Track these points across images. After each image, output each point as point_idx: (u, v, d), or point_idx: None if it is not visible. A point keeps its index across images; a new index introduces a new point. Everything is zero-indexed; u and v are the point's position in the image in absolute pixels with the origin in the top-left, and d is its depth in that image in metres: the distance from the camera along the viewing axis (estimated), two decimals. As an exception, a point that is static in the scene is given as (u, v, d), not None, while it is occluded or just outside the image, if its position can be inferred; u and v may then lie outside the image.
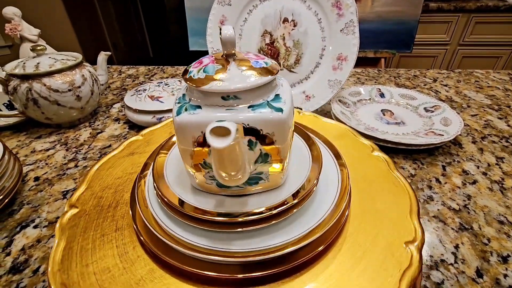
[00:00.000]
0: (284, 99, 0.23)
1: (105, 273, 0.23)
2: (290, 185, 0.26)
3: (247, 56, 0.25)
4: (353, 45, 0.50)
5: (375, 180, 0.31)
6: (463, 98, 0.63)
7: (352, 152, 0.35)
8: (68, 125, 0.55)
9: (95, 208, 0.29)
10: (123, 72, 0.83)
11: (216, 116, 0.21)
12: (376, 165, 0.33)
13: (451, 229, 0.33)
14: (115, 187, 0.32)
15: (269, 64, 0.24)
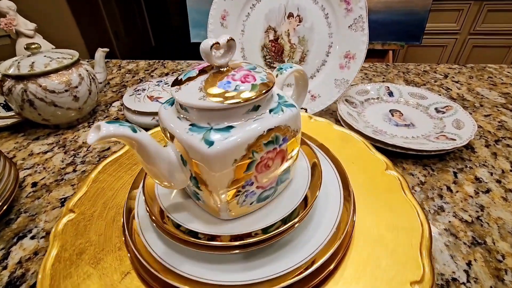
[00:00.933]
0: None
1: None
2: (294, 191, 0.26)
3: (240, 70, 0.23)
4: (362, 43, 0.47)
5: (386, 203, 0.29)
6: (476, 96, 0.60)
7: (365, 167, 0.33)
8: (66, 125, 0.54)
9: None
10: (122, 67, 0.81)
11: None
12: (388, 186, 0.31)
13: (463, 244, 0.32)
14: (110, 201, 0.31)
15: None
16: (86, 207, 0.31)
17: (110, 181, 0.35)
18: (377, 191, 0.31)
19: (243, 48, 0.54)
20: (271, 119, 0.22)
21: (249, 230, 0.23)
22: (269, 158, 0.23)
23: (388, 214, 0.28)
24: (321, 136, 0.36)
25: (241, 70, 0.23)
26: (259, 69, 0.24)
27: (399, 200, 0.29)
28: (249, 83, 0.22)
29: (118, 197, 0.32)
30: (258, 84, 0.21)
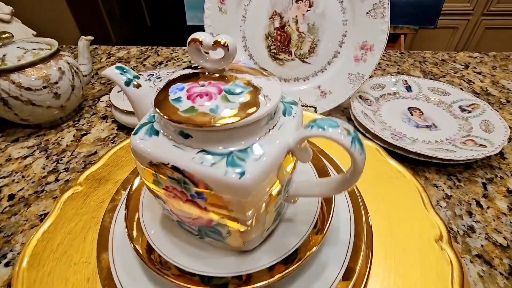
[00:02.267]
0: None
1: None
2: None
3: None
4: (382, 32, 0.41)
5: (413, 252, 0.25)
6: (501, 91, 0.55)
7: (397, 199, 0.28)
8: (49, 125, 0.48)
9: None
10: (112, 54, 0.74)
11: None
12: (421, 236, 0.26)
13: (499, 274, 0.28)
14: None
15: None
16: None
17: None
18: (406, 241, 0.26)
19: (244, 37, 0.48)
20: (188, 159, 0.16)
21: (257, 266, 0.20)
22: (175, 194, 0.18)
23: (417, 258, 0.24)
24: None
25: (216, 85, 0.17)
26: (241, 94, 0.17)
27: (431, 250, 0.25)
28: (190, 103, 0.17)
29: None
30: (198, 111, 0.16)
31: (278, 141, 0.17)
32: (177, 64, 0.68)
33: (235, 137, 0.16)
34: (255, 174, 0.15)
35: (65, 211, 0.30)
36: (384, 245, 0.26)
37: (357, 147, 0.15)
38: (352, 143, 0.15)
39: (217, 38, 0.17)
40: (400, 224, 0.28)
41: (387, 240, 0.26)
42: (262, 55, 0.48)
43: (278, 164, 0.17)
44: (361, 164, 0.15)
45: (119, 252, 0.23)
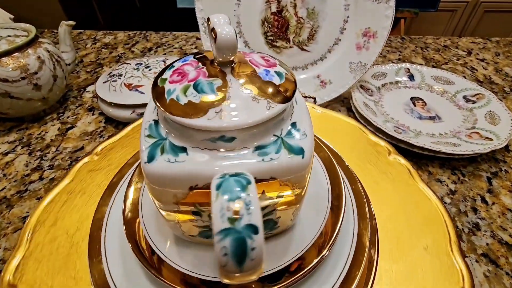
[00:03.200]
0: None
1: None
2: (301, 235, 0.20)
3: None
4: (386, 18, 0.38)
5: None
6: (505, 79, 0.53)
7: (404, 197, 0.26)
8: (32, 118, 0.45)
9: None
10: (98, 39, 0.70)
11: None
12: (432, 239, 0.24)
13: (505, 274, 0.27)
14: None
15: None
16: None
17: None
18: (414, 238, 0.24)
19: (239, 23, 0.44)
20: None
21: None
22: None
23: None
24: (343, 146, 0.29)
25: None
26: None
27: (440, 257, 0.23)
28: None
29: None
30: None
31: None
32: (168, 50, 0.65)
33: (278, 124, 0.16)
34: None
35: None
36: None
37: (226, 245, 0.11)
38: (223, 236, 0.11)
39: (218, 22, 0.15)
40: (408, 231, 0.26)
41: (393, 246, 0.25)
42: (258, 42, 0.45)
43: (189, 186, 0.15)
44: (222, 268, 0.12)
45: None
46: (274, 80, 0.15)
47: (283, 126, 0.16)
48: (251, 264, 0.11)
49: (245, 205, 0.11)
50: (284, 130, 0.16)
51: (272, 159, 0.14)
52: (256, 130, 0.15)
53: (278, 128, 0.16)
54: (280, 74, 0.16)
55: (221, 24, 0.14)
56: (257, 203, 0.12)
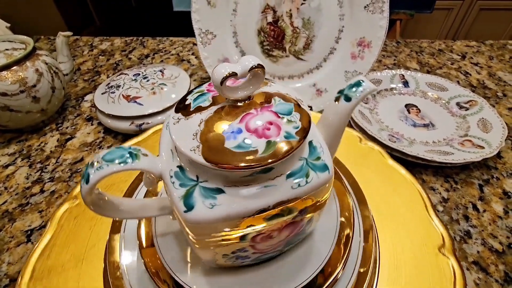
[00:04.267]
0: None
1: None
2: (311, 249, 0.22)
3: (264, 109, 0.16)
4: (380, 28, 0.39)
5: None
6: (498, 84, 0.54)
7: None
8: (30, 129, 0.46)
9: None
10: (95, 46, 0.70)
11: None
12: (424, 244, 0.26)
13: (495, 282, 0.28)
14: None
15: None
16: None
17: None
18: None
19: (235, 32, 0.45)
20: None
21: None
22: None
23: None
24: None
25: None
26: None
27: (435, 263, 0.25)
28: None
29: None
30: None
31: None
32: (165, 57, 0.65)
33: (301, 148, 0.17)
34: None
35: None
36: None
37: None
38: None
39: (245, 61, 0.15)
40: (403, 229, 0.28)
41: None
42: (255, 52, 0.45)
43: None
44: None
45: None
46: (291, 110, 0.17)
47: (303, 148, 0.17)
48: None
49: None
50: (305, 151, 0.17)
51: (307, 183, 0.16)
52: (287, 160, 0.15)
53: (301, 152, 0.17)
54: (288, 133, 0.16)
55: (220, 67, 0.15)
56: None
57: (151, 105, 0.41)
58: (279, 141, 0.15)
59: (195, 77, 0.58)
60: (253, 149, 0.14)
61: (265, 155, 0.14)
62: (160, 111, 0.41)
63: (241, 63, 0.15)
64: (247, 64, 0.15)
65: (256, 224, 0.16)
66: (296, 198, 0.16)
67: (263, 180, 0.16)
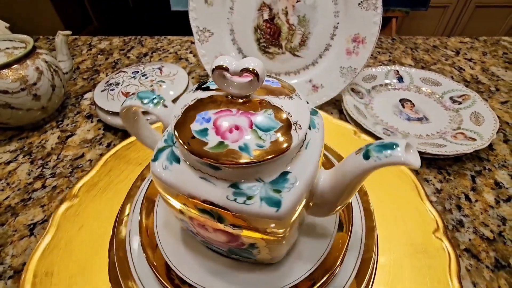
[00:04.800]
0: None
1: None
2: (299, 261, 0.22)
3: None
4: (374, 24, 0.40)
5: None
6: (491, 78, 0.55)
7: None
8: (31, 126, 0.46)
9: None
10: (93, 45, 0.71)
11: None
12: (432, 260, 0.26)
13: (485, 268, 0.29)
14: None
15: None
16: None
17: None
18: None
19: (232, 30, 0.46)
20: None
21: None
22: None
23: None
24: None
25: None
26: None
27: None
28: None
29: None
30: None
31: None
32: (163, 55, 0.66)
33: (266, 170, 0.15)
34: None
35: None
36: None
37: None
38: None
39: (245, 64, 0.15)
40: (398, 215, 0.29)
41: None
42: (252, 49, 0.46)
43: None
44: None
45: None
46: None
47: (271, 172, 0.16)
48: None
49: None
50: (269, 176, 0.16)
51: (243, 203, 0.15)
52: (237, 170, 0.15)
53: (266, 175, 0.16)
54: (272, 135, 0.15)
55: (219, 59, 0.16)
56: None
57: (150, 101, 0.42)
58: (231, 147, 0.15)
59: (193, 74, 0.58)
60: (206, 140, 0.15)
61: (209, 151, 0.15)
62: (159, 107, 0.42)
63: (240, 62, 0.15)
64: (242, 64, 0.15)
65: (189, 206, 0.17)
66: (226, 209, 0.15)
67: (209, 174, 0.16)
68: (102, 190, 0.33)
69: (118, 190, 0.32)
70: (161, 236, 0.24)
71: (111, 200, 0.31)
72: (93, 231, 0.29)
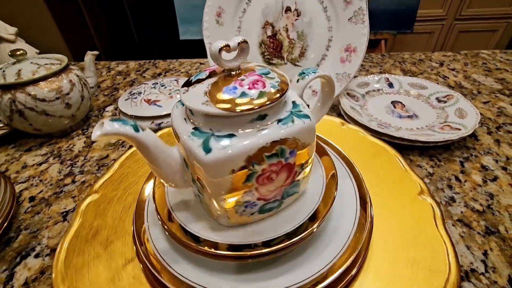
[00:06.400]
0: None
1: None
2: (305, 203, 0.26)
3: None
4: (363, 35, 0.46)
5: (412, 236, 0.28)
6: (473, 84, 0.61)
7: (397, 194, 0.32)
8: (60, 134, 0.51)
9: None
10: (112, 68, 0.78)
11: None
12: (418, 214, 0.30)
13: (477, 234, 0.32)
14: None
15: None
16: (109, 190, 0.35)
17: (135, 168, 0.38)
18: (405, 219, 0.29)
19: (240, 45, 0.52)
20: (277, 131, 0.20)
21: (249, 241, 0.23)
22: (272, 171, 0.22)
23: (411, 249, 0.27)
24: (353, 149, 0.36)
25: (252, 74, 0.22)
26: (272, 74, 0.22)
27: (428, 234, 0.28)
28: (257, 90, 0.20)
29: (139, 184, 0.35)
30: (267, 92, 0.20)
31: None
32: (175, 74, 0.72)
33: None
34: (311, 114, 0.22)
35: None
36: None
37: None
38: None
39: (235, 39, 0.21)
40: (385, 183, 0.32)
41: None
42: (257, 61, 0.52)
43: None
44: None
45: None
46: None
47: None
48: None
49: None
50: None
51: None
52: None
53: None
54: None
55: (217, 42, 0.21)
56: None
57: (169, 106, 0.47)
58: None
59: (203, 89, 0.64)
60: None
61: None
62: (177, 111, 0.47)
63: (232, 40, 0.21)
64: (236, 40, 0.21)
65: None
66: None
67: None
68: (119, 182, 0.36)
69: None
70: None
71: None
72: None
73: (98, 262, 0.27)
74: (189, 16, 1.04)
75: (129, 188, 0.35)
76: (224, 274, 0.24)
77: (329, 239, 0.25)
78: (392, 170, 0.35)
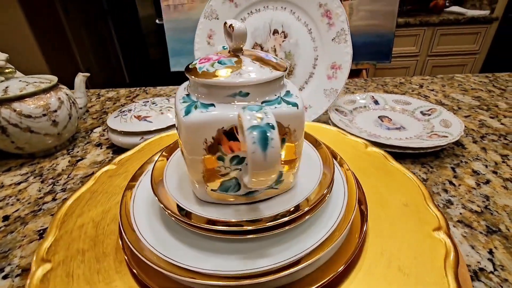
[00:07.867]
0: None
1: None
2: (301, 190, 0.25)
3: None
4: (346, 53, 0.49)
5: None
6: (452, 101, 0.64)
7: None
8: (43, 154, 0.49)
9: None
10: (102, 95, 0.78)
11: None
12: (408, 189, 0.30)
13: (479, 233, 0.31)
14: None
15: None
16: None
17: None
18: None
19: (230, 65, 0.54)
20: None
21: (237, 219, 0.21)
22: None
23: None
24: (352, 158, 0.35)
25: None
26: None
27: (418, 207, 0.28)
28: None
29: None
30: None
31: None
32: (166, 99, 0.73)
33: (204, 94, 0.21)
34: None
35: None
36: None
37: (255, 135, 0.16)
38: (252, 130, 0.16)
39: (234, 21, 0.21)
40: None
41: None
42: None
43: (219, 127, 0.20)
44: (251, 154, 0.16)
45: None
46: (273, 59, 0.22)
47: (281, 90, 0.22)
48: (272, 152, 0.16)
49: (264, 114, 0.17)
50: (282, 93, 0.22)
51: (276, 107, 0.20)
52: (264, 88, 0.20)
53: (278, 91, 0.22)
54: (276, 58, 0.23)
55: (236, 23, 0.21)
56: (271, 113, 0.17)
57: (159, 122, 0.47)
58: (255, 70, 0.20)
59: (194, 111, 0.65)
60: (235, 71, 0.20)
61: (245, 77, 0.20)
62: (167, 127, 0.47)
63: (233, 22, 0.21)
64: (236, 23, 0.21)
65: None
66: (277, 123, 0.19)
67: (241, 101, 0.20)
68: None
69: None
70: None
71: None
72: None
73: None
74: (180, 49, 1.08)
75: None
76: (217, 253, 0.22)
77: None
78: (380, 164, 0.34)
